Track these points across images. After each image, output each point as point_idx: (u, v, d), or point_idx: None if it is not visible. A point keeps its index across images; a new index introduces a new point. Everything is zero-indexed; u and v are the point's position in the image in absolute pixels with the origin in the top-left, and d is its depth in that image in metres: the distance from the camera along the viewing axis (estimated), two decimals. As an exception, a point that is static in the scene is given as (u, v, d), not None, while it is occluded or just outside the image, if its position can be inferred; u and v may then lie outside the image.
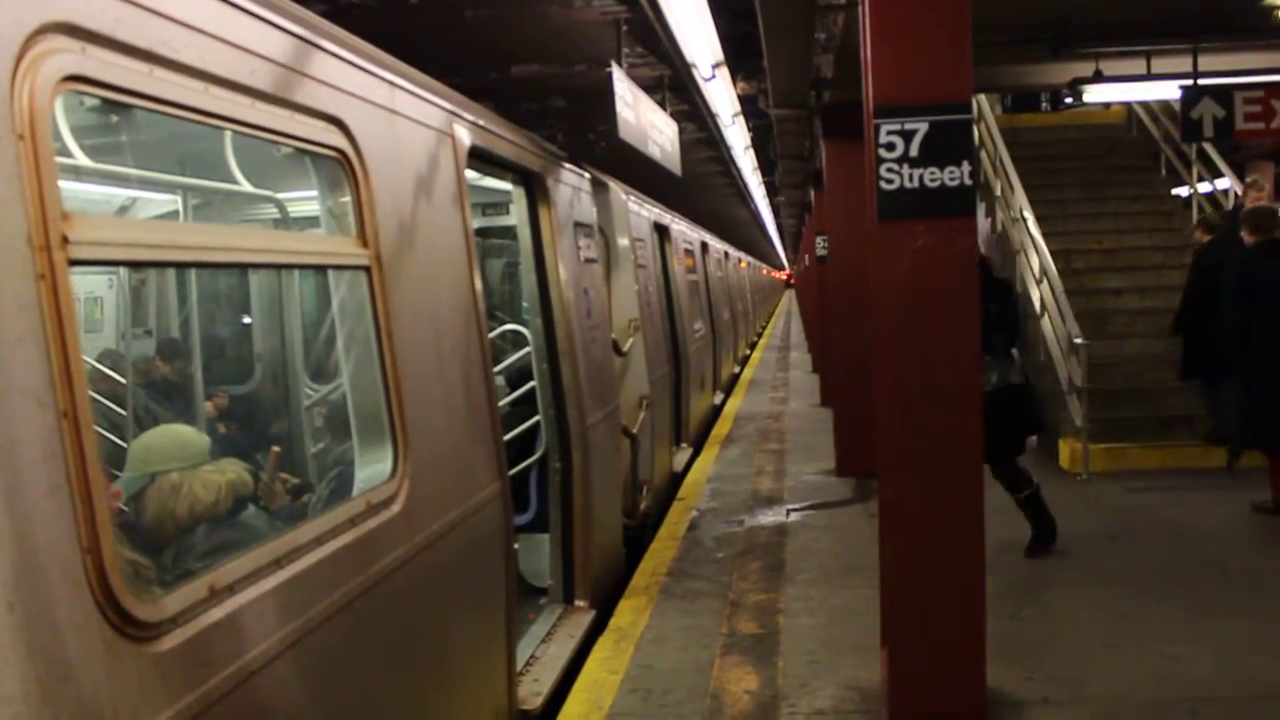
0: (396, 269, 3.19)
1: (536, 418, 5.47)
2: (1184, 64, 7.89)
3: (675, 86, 8.08)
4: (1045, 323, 9.52)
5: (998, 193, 11.09)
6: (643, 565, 6.68)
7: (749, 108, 10.40)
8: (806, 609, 5.65)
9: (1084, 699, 4.35)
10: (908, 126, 3.98)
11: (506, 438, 4.33)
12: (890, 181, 4.00)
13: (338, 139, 2.91)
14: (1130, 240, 11.31)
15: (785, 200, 21.99)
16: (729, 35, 7.43)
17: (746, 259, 30.06)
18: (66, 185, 2.12)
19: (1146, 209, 11.85)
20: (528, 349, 5.61)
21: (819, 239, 12.89)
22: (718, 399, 14.56)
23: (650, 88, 7.34)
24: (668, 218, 10.79)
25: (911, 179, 3.99)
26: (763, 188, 20.01)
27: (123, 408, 4.86)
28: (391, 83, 3.38)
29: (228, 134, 3.72)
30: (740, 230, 30.68)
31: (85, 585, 1.77)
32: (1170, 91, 8.35)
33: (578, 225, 5.96)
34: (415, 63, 3.81)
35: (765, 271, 48.54)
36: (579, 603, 5.47)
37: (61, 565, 1.72)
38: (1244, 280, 6.91)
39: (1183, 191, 12.30)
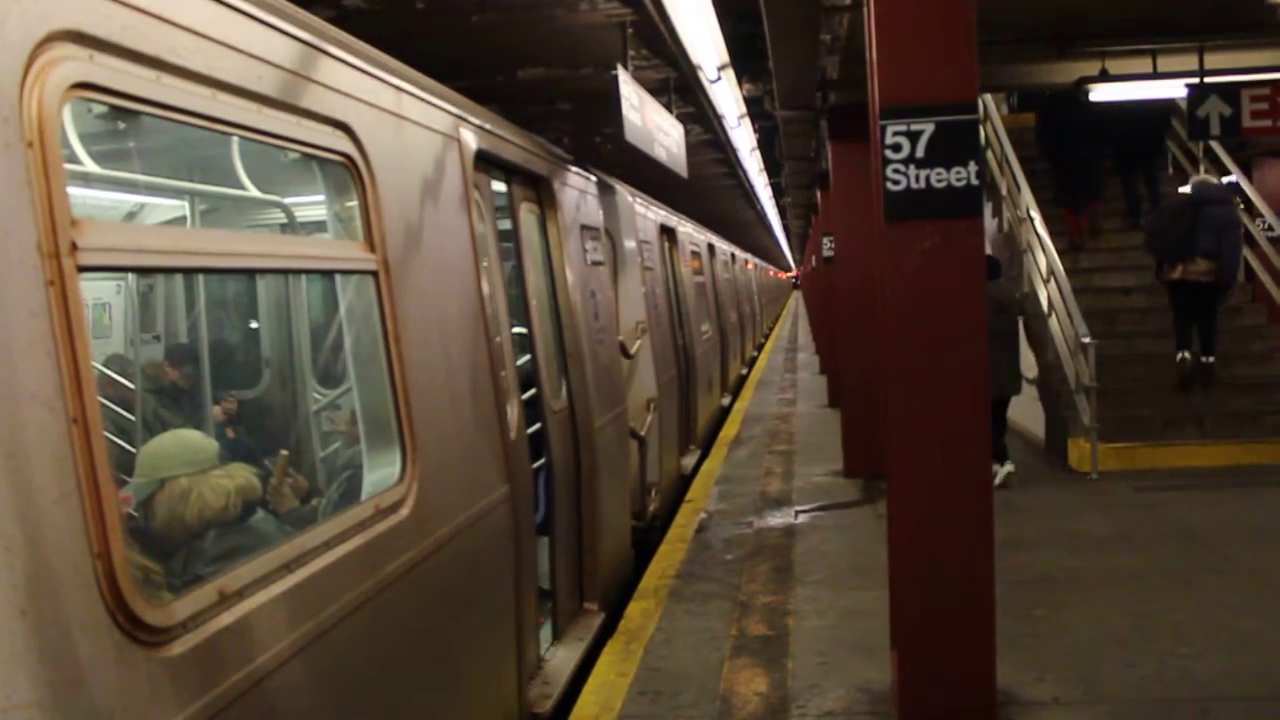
0: (404, 273, 3.20)
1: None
2: (1190, 62, 7.87)
3: (681, 89, 8.08)
4: (1053, 322, 9.50)
5: (1004, 192, 11.06)
6: (651, 567, 6.68)
7: (754, 109, 10.39)
8: (816, 610, 5.64)
9: (1095, 699, 4.34)
10: (914, 127, 3.97)
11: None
12: (897, 182, 3.99)
13: (345, 144, 2.92)
14: (1138, 238, 11.26)
15: (791, 201, 21.96)
16: (734, 37, 7.43)
17: (753, 260, 30.05)
18: (75, 191, 2.12)
19: (1154, 207, 11.82)
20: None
21: (825, 240, 12.88)
22: (725, 400, 14.55)
23: (656, 90, 7.35)
24: (674, 220, 10.79)
25: (918, 180, 3.99)
26: (769, 189, 19.99)
27: (131, 413, 4.87)
28: (398, 87, 3.39)
29: (235, 139, 3.73)
30: (747, 232, 30.68)
31: (96, 590, 1.77)
32: (1176, 90, 8.33)
33: (584, 228, 5.96)
34: (421, 67, 3.82)
35: (772, 273, 48.53)
36: (588, 605, 5.47)
37: (72, 571, 1.73)
38: None
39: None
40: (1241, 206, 10.34)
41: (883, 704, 4.38)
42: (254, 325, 5.81)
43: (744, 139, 11.81)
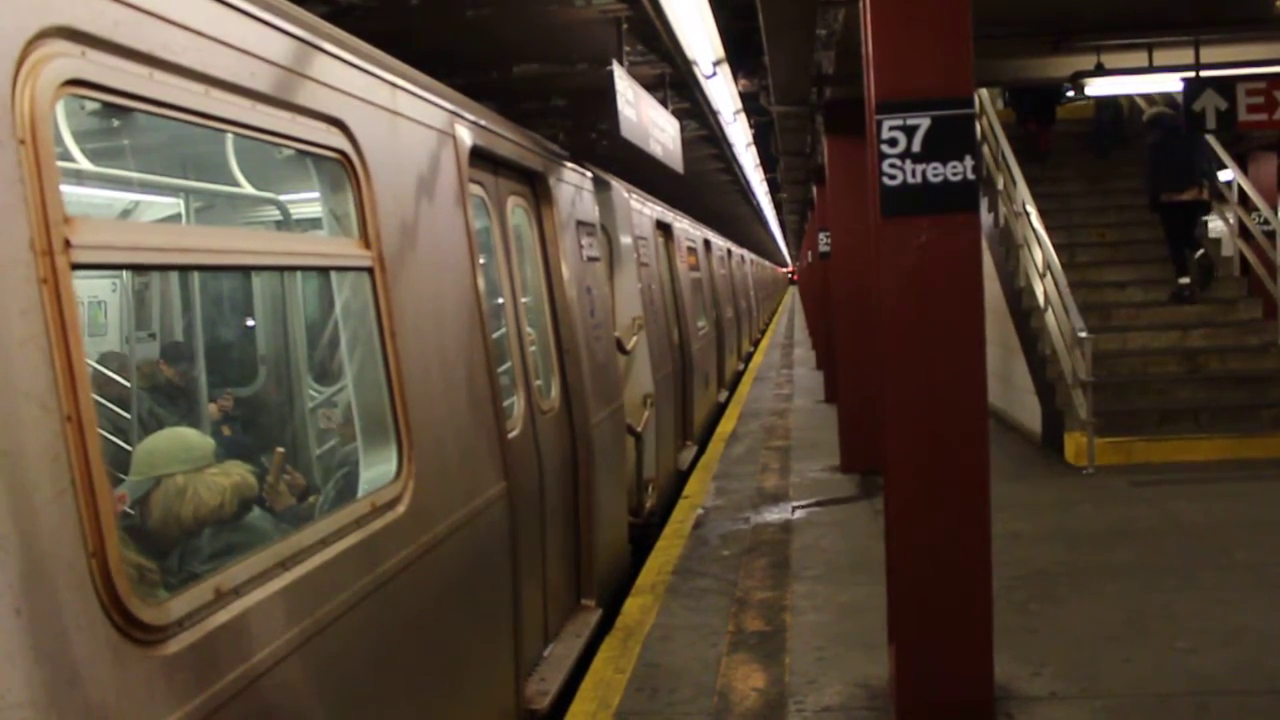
0: (399, 270, 3.19)
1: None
2: (1185, 56, 7.87)
3: (676, 84, 8.07)
4: (1049, 316, 9.50)
5: (1000, 187, 11.07)
6: (649, 563, 6.68)
7: (750, 105, 10.39)
8: (813, 606, 5.65)
9: (1092, 693, 4.34)
10: (910, 122, 3.97)
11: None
12: (893, 177, 3.99)
13: (339, 140, 2.91)
14: (1134, 233, 11.29)
15: (787, 197, 21.96)
16: (729, 32, 7.41)
17: (749, 256, 30.05)
18: (68, 189, 2.11)
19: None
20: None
21: (821, 235, 12.88)
22: (722, 396, 14.56)
23: (651, 86, 7.33)
24: (670, 215, 10.78)
25: (914, 174, 3.98)
26: (765, 184, 20.00)
27: (127, 411, 4.86)
28: (392, 84, 3.38)
29: (229, 136, 3.72)
30: (743, 227, 30.66)
31: (91, 589, 1.76)
32: (1172, 84, 8.34)
33: (580, 224, 5.96)
34: (416, 63, 3.81)
35: (768, 268, 48.52)
36: (585, 601, 5.47)
37: (67, 569, 1.72)
38: None
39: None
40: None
41: (880, 699, 4.38)
42: (250, 323, 5.80)
43: (740, 134, 11.80)
